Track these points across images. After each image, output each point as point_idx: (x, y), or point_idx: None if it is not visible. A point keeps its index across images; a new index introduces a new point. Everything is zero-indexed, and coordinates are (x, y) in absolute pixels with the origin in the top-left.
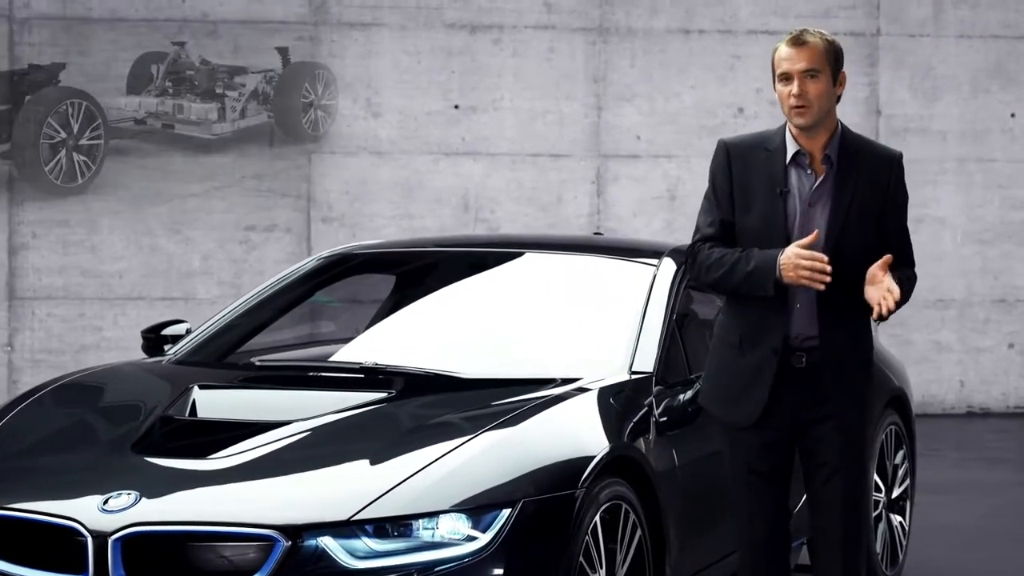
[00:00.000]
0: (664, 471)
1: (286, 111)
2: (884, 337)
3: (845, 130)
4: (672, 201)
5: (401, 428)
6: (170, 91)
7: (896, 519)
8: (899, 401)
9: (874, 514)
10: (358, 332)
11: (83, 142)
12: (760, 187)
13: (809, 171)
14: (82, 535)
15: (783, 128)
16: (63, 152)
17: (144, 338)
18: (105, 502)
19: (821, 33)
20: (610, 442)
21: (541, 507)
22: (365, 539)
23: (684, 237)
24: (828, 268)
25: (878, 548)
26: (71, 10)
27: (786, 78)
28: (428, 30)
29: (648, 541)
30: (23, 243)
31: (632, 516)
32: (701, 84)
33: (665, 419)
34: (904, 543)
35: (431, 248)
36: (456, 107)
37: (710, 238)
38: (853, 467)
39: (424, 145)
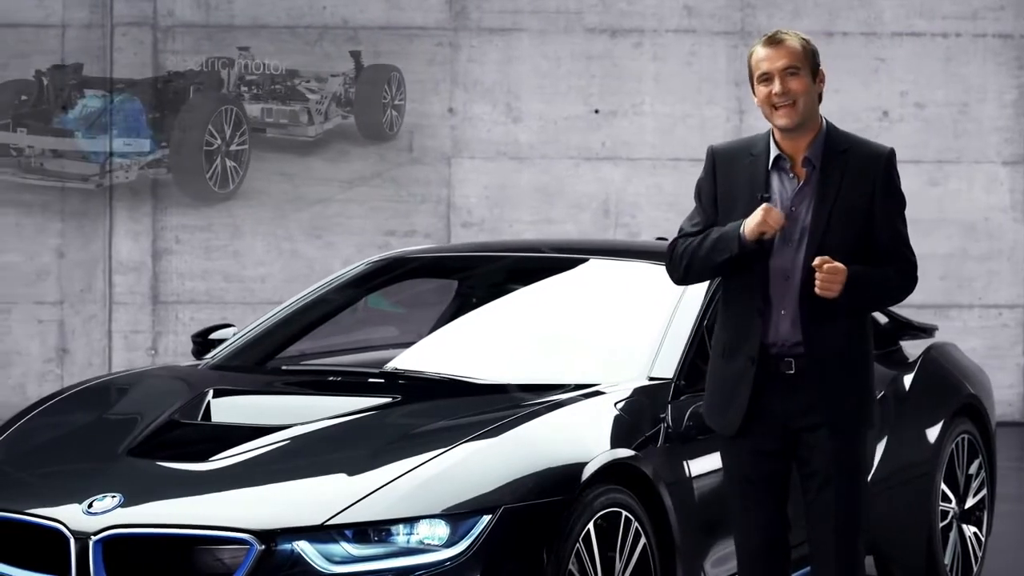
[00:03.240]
0: (674, 479)
1: (367, 113)
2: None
3: (831, 129)
4: None
5: (392, 434)
6: (245, 96)
7: (970, 530)
8: (973, 409)
9: (942, 524)
10: (415, 338)
11: (233, 148)
12: (742, 192)
13: (791, 175)
14: (66, 536)
15: (768, 132)
16: (218, 159)
17: (194, 342)
18: (90, 504)
19: (796, 33)
20: (610, 448)
21: (525, 513)
22: (343, 544)
23: None
24: (783, 223)
25: (947, 560)
26: (214, 18)
27: (767, 78)
28: (568, 35)
29: (654, 549)
30: (166, 248)
31: (634, 524)
32: (844, 87)
33: (684, 427)
34: (979, 554)
35: (478, 253)
36: (596, 112)
37: (689, 235)
38: (847, 478)
39: (564, 150)
